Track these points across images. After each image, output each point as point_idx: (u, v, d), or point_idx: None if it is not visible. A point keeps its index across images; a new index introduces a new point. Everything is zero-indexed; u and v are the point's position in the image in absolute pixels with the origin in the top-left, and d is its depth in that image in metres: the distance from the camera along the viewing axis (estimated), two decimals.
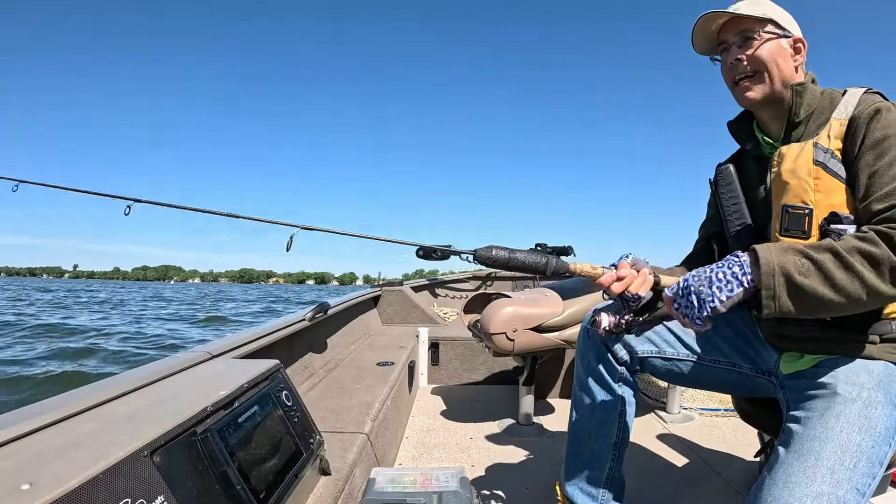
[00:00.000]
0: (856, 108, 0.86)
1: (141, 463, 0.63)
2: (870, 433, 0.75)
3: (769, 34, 0.93)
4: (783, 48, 0.93)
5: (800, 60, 0.94)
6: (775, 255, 0.75)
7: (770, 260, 0.75)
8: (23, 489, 0.52)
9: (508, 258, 0.91)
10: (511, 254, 0.91)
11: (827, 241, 0.76)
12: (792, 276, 0.74)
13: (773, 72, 0.93)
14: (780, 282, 0.74)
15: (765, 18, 0.93)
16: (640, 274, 0.88)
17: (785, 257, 0.75)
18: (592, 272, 0.89)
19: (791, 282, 0.74)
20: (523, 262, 0.91)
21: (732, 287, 0.76)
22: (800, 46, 0.94)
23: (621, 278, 0.87)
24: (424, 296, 3.76)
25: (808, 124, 0.92)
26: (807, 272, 0.74)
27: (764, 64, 0.93)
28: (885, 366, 0.83)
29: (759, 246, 0.78)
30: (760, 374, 1.03)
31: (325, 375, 1.92)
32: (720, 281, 0.77)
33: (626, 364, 1.10)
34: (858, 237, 0.75)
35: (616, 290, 0.87)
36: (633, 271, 0.88)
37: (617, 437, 1.13)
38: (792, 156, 0.88)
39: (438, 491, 1.04)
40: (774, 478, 0.74)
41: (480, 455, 1.83)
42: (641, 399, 2.32)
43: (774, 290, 0.74)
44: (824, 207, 0.84)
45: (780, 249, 0.76)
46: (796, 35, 0.95)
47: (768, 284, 0.74)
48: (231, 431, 0.80)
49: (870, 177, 0.80)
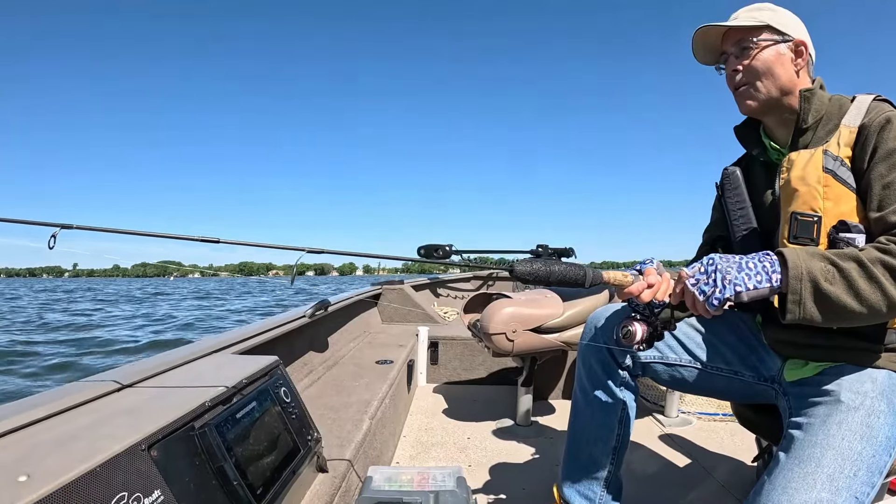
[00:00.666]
0: (866, 116, 0.85)
1: (138, 457, 0.63)
2: (871, 442, 0.75)
3: (766, 41, 0.92)
4: (781, 54, 0.92)
5: (801, 64, 0.93)
6: (803, 260, 0.75)
7: (798, 264, 0.74)
8: (20, 481, 0.52)
9: (549, 272, 0.84)
10: (550, 267, 0.85)
11: (851, 250, 0.76)
12: (819, 282, 0.73)
13: (770, 80, 0.92)
14: (807, 287, 0.74)
15: (759, 26, 0.92)
16: (663, 279, 0.86)
17: (812, 262, 0.74)
18: (623, 280, 0.86)
19: (817, 288, 0.73)
20: (563, 275, 0.85)
21: (762, 279, 0.75)
22: (801, 49, 0.93)
23: (650, 286, 0.85)
24: (425, 295, 3.75)
25: (816, 130, 0.91)
26: (833, 279, 0.73)
27: (760, 73, 0.92)
28: (889, 375, 0.83)
29: (787, 249, 0.77)
30: (763, 381, 1.03)
31: (324, 373, 1.92)
32: (751, 270, 0.76)
33: (628, 369, 1.10)
34: (881, 249, 0.74)
35: (646, 298, 0.85)
36: (659, 277, 0.87)
37: (616, 441, 1.13)
38: (801, 162, 0.87)
39: (435, 490, 1.04)
40: (774, 483, 0.73)
41: (478, 455, 1.83)
42: (640, 402, 2.31)
43: (801, 295, 0.74)
44: (833, 215, 0.83)
45: (807, 254, 0.76)
46: (797, 38, 0.93)
47: (795, 289, 0.74)
48: (229, 427, 0.80)
49: (884, 188, 0.80)
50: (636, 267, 0.90)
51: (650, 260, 0.91)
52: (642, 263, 0.90)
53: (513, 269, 0.85)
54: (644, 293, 0.85)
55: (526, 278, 0.84)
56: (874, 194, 0.81)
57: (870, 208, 0.82)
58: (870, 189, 0.81)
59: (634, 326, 0.88)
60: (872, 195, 0.81)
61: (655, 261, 0.91)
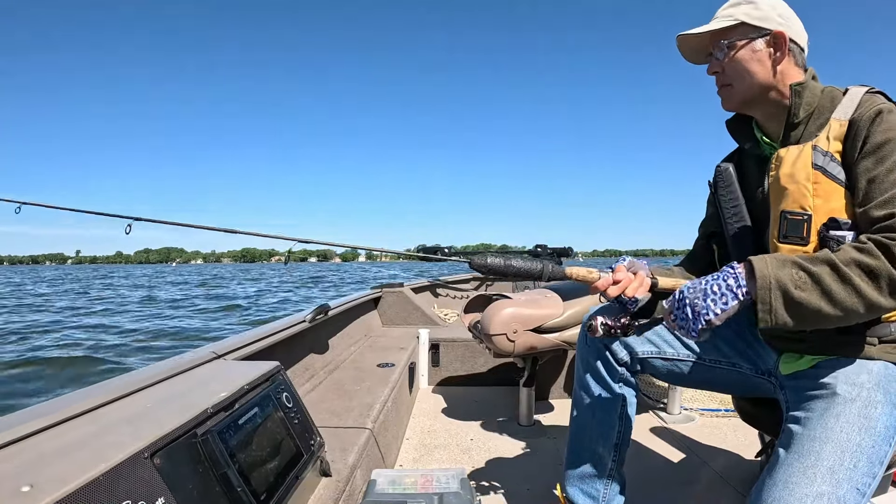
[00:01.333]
0: (856, 110, 0.84)
1: (141, 465, 0.63)
2: (870, 433, 0.75)
3: (740, 39, 0.91)
4: (756, 51, 0.90)
5: (780, 57, 0.90)
6: (772, 269, 0.74)
7: (766, 274, 0.74)
8: (23, 491, 0.52)
9: (504, 265, 0.88)
10: (507, 260, 0.89)
11: (824, 253, 0.75)
12: (788, 290, 0.73)
13: (745, 79, 0.92)
14: (777, 295, 0.73)
15: (732, 26, 0.91)
16: (636, 277, 0.88)
17: (782, 271, 0.74)
18: (588, 276, 0.89)
19: (788, 295, 0.73)
20: (518, 269, 0.89)
21: (727, 300, 0.76)
22: (780, 42, 0.90)
23: (617, 282, 0.87)
24: (425, 297, 3.75)
25: (807, 124, 0.90)
26: (804, 285, 0.73)
27: (736, 73, 0.92)
28: (884, 366, 0.83)
29: (756, 258, 0.77)
30: (760, 374, 1.03)
31: (325, 377, 1.92)
32: (714, 294, 0.77)
33: (626, 365, 1.10)
34: (857, 248, 0.74)
35: (612, 293, 0.87)
36: (629, 274, 0.88)
37: (618, 438, 1.13)
38: (790, 159, 0.86)
39: (439, 492, 1.04)
40: (775, 478, 0.74)
41: (481, 456, 1.83)
42: (642, 399, 2.32)
43: (771, 304, 0.74)
44: (823, 213, 0.83)
45: (777, 262, 0.75)
46: (776, 29, 0.90)
47: (764, 298, 0.74)
48: (231, 433, 0.80)
49: (869, 182, 0.79)
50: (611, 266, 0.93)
51: (623, 258, 0.94)
52: (617, 261, 0.93)
53: (471, 261, 0.90)
54: (610, 289, 0.87)
55: (481, 270, 0.89)
56: (860, 189, 0.80)
57: (855, 203, 0.81)
58: (856, 183, 0.81)
59: (596, 321, 0.92)
60: (858, 189, 0.80)
61: (627, 258, 0.94)
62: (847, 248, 0.75)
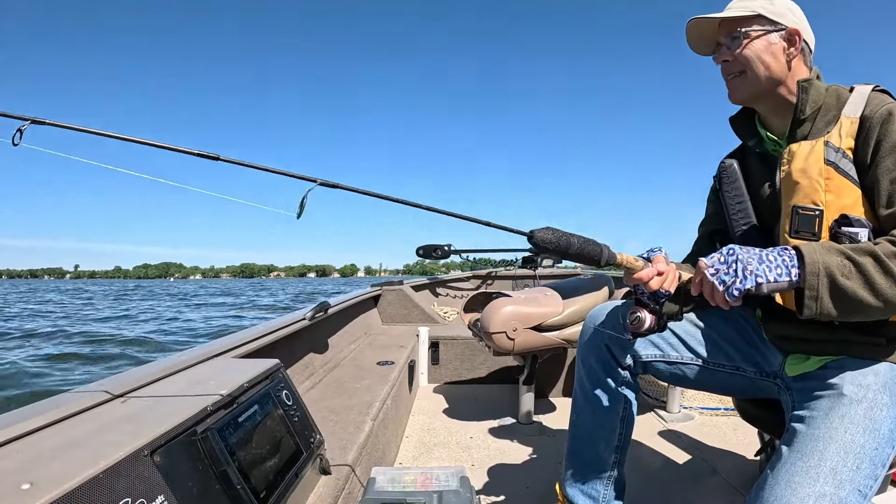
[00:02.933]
0: (867, 107, 0.84)
1: (141, 462, 0.63)
2: (874, 435, 0.75)
3: (757, 31, 0.91)
4: (772, 44, 0.91)
5: (794, 53, 0.91)
6: (820, 255, 0.74)
7: (816, 259, 0.74)
8: (23, 489, 0.52)
9: (568, 244, 0.81)
10: (569, 239, 0.82)
11: (867, 244, 0.75)
12: (835, 277, 0.73)
13: (759, 70, 0.91)
14: (824, 282, 0.73)
15: (750, 16, 0.91)
16: (670, 268, 0.85)
17: (829, 257, 0.74)
18: (634, 264, 0.84)
19: (834, 283, 0.73)
20: (580, 249, 0.82)
21: (782, 272, 0.75)
22: (795, 39, 0.90)
23: (661, 273, 0.84)
24: (425, 295, 3.75)
25: (814, 122, 0.90)
26: (849, 274, 0.73)
27: (748, 63, 0.91)
28: (891, 367, 0.83)
29: (804, 244, 0.77)
30: (764, 376, 1.02)
31: (325, 375, 1.91)
32: (771, 262, 0.75)
33: (629, 367, 1.09)
34: (894, 243, 0.74)
35: (654, 285, 0.83)
36: (671, 266, 0.86)
37: (618, 439, 1.12)
38: (802, 154, 0.86)
39: (439, 490, 1.04)
40: (777, 477, 0.73)
41: (481, 454, 1.83)
42: (641, 398, 2.31)
43: (818, 291, 0.74)
44: (835, 209, 0.83)
45: (824, 249, 0.75)
46: (791, 27, 0.91)
47: (812, 284, 0.74)
48: (231, 431, 0.80)
49: (892, 182, 0.79)
50: (644, 254, 0.89)
51: (658, 248, 0.89)
52: (650, 251, 0.89)
53: (532, 235, 0.82)
54: (653, 280, 0.83)
55: (545, 246, 0.81)
56: (882, 190, 0.80)
57: (879, 204, 0.81)
58: (877, 184, 0.81)
59: (644, 314, 0.87)
60: (881, 190, 0.80)
61: (663, 249, 0.89)
62: (885, 242, 0.75)
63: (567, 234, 0.82)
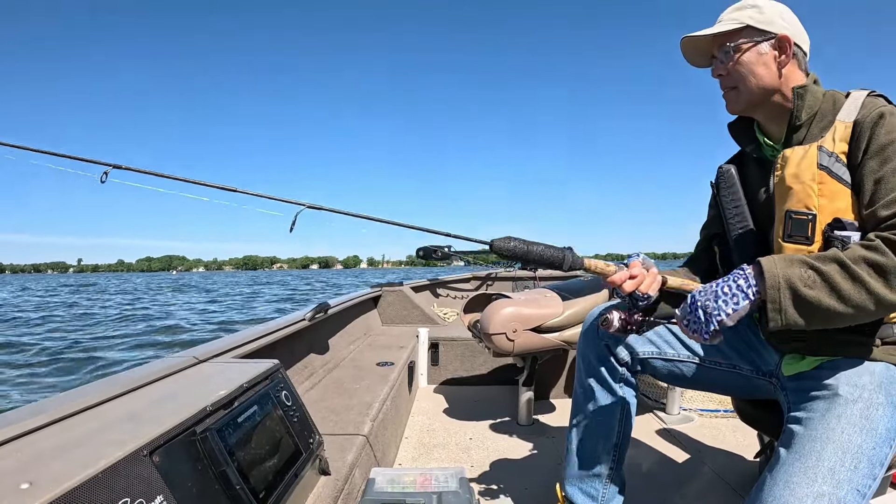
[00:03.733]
0: (860, 112, 0.85)
1: (140, 462, 0.63)
2: (871, 434, 0.75)
3: (746, 43, 0.91)
4: (762, 54, 0.91)
5: (786, 60, 0.91)
6: (780, 268, 0.75)
7: (775, 273, 0.75)
8: (22, 488, 0.52)
9: (527, 250, 0.87)
10: (529, 246, 0.87)
11: (832, 252, 0.76)
12: (797, 289, 0.74)
13: (751, 82, 0.92)
14: (786, 295, 0.74)
15: (738, 29, 0.92)
16: (649, 273, 0.89)
17: (790, 269, 0.75)
18: (606, 269, 0.89)
19: (797, 294, 0.74)
20: (541, 255, 0.87)
21: (738, 300, 0.77)
22: (785, 45, 0.91)
23: (633, 277, 0.88)
24: (424, 296, 3.75)
25: (810, 127, 0.90)
26: (812, 284, 0.74)
27: (741, 76, 0.92)
28: (886, 367, 0.83)
29: (764, 258, 0.78)
30: (761, 375, 1.03)
31: (324, 375, 1.91)
32: (725, 294, 0.78)
33: (626, 365, 1.10)
34: (865, 246, 0.74)
35: (628, 288, 0.88)
36: (643, 270, 0.89)
37: (618, 438, 1.13)
38: (796, 159, 0.87)
39: (438, 491, 1.04)
40: (775, 478, 0.74)
41: (480, 455, 1.83)
42: (641, 399, 2.32)
43: (780, 304, 0.74)
44: (828, 213, 0.83)
45: (785, 261, 0.76)
46: (780, 33, 0.91)
47: (773, 298, 0.75)
48: (230, 431, 0.80)
49: (875, 182, 0.79)
50: (625, 261, 0.92)
51: (637, 254, 0.94)
52: (630, 257, 0.93)
53: (491, 244, 0.88)
54: (626, 283, 0.87)
55: (503, 253, 0.87)
56: (866, 189, 0.80)
57: (862, 203, 0.81)
58: (862, 184, 0.81)
59: (613, 314, 0.92)
60: (864, 190, 0.81)
61: (642, 255, 0.94)
62: (855, 246, 0.75)
63: (527, 242, 0.87)
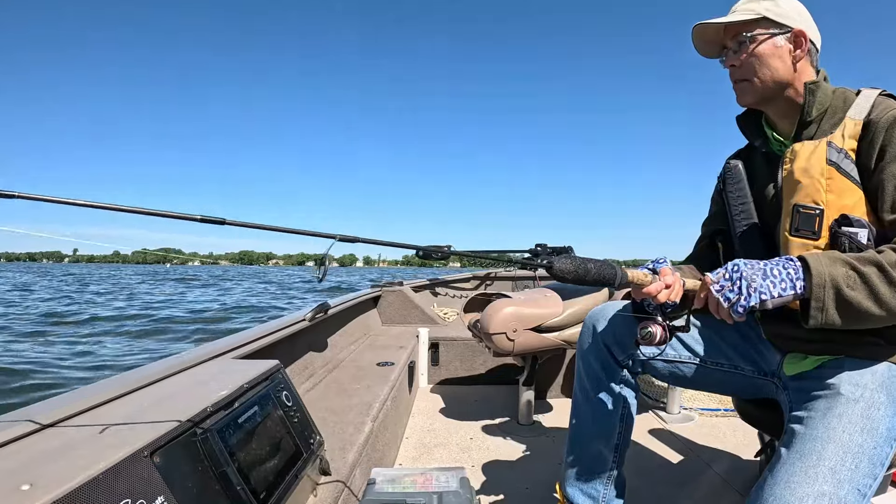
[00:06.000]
0: (872, 111, 0.84)
1: (141, 463, 0.63)
2: (872, 434, 0.75)
3: (762, 34, 0.91)
4: (778, 47, 0.91)
5: (801, 55, 0.91)
6: (826, 266, 0.75)
7: (822, 271, 0.74)
8: (23, 490, 0.52)
9: (586, 271, 0.80)
10: (586, 266, 0.80)
11: (871, 254, 0.76)
12: (841, 289, 0.73)
13: (765, 74, 0.91)
14: (830, 294, 0.74)
15: (755, 20, 0.91)
16: (675, 279, 0.86)
17: (834, 269, 0.74)
18: (644, 280, 0.84)
19: (840, 294, 0.74)
20: (598, 274, 0.81)
21: (786, 287, 0.75)
22: (800, 40, 0.91)
23: (668, 286, 0.84)
24: (424, 296, 3.75)
25: (820, 123, 0.90)
26: (854, 285, 0.74)
27: (756, 67, 0.92)
28: (888, 367, 0.83)
29: (809, 255, 0.77)
30: (762, 375, 1.03)
31: (325, 375, 1.91)
32: (775, 277, 0.76)
33: (627, 366, 1.10)
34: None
35: (662, 298, 0.84)
36: (676, 277, 0.86)
37: (618, 439, 1.13)
38: (805, 154, 0.87)
39: (438, 491, 1.04)
40: (776, 477, 0.73)
41: (480, 455, 1.83)
42: (641, 399, 2.32)
43: (823, 302, 0.74)
44: (836, 208, 0.83)
45: (829, 259, 0.76)
46: (796, 28, 0.91)
47: (818, 296, 0.74)
48: (231, 432, 0.80)
49: None
50: (649, 265, 0.89)
51: (663, 259, 0.90)
52: (656, 262, 0.89)
53: (552, 266, 0.80)
54: (662, 293, 0.84)
55: (565, 277, 0.80)
56: (888, 194, 0.80)
57: (883, 209, 0.81)
58: (883, 189, 0.81)
59: (655, 328, 0.87)
60: (886, 196, 0.80)
61: (667, 260, 0.90)
62: (889, 251, 0.75)
63: (585, 260, 0.81)
